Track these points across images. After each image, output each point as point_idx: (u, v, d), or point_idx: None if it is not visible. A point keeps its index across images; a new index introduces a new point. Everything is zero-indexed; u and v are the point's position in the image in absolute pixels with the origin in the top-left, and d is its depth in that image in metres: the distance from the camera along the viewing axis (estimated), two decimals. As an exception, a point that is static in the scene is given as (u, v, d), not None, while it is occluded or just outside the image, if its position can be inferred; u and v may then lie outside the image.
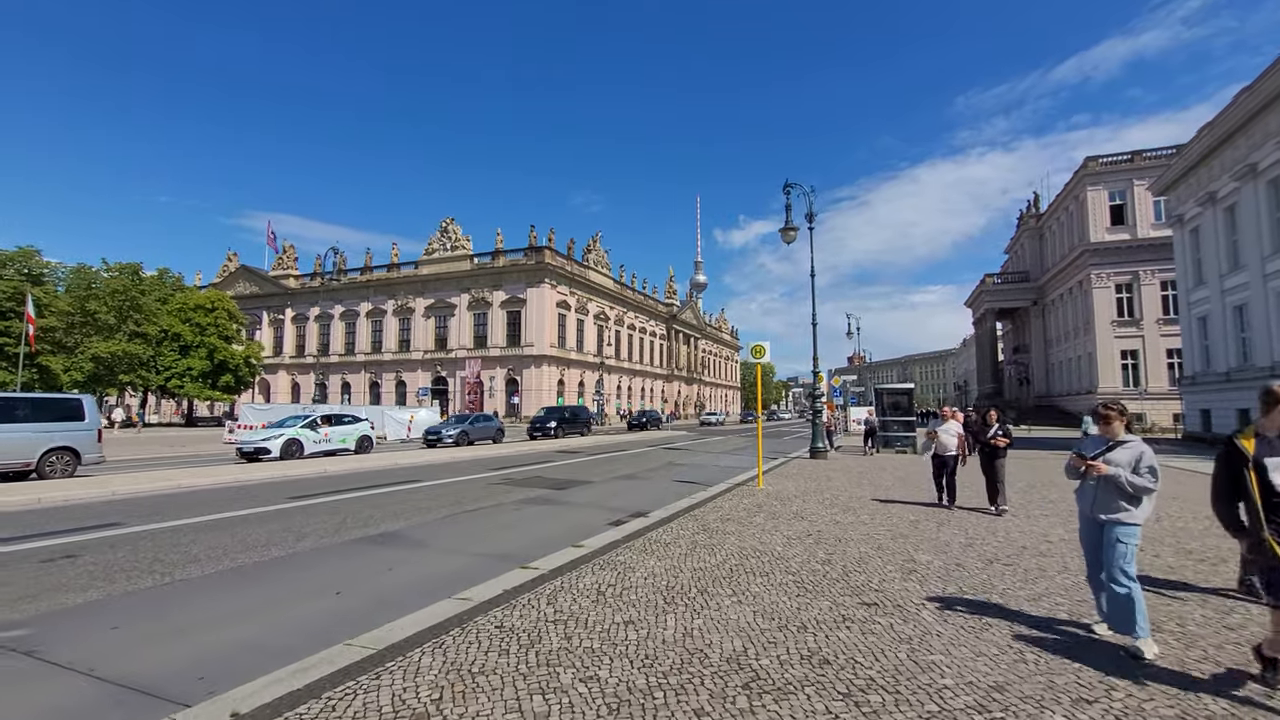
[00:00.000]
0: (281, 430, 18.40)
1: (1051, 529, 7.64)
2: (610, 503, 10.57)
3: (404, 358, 65.29)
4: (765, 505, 9.58)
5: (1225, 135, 24.68)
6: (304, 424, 18.84)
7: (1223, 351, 25.90)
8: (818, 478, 13.48)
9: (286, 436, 18.07)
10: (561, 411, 33.28)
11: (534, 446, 23.66)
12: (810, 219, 19.72)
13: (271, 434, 18.16)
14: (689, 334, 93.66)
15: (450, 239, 65.19)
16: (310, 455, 18.46)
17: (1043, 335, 56.20)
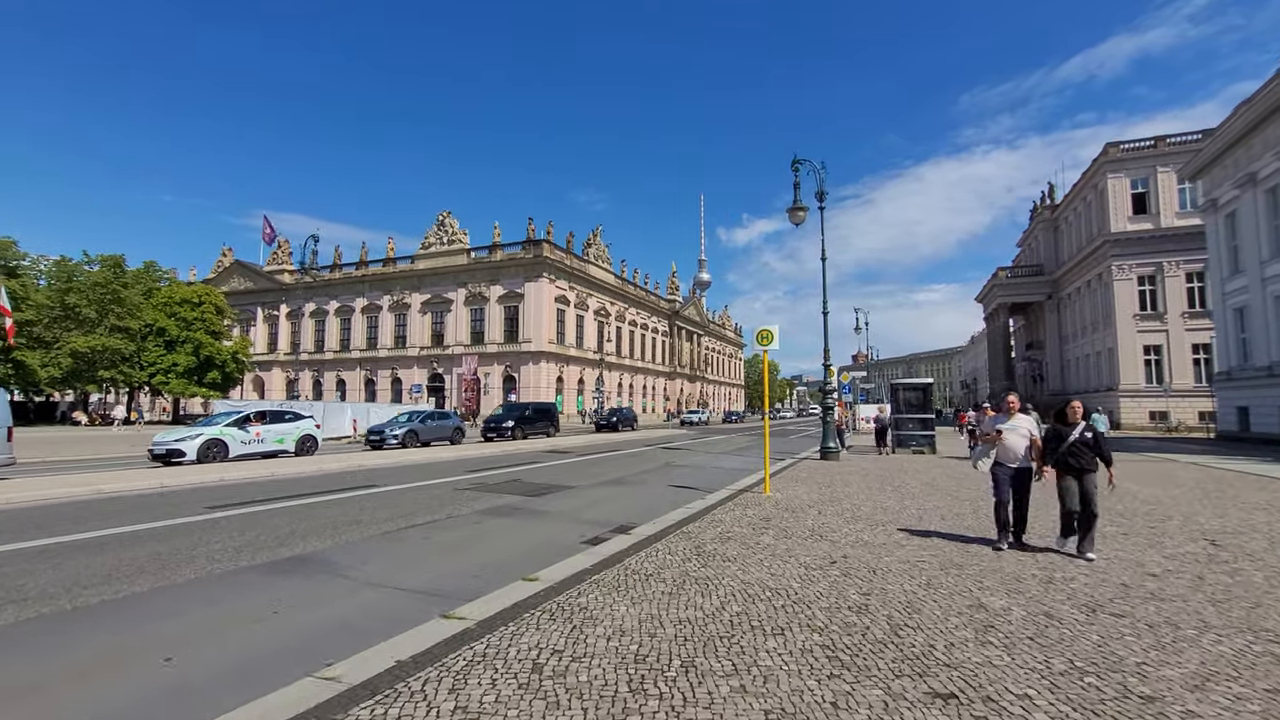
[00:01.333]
0: (200, 430, 16.12)
1: (1144, 555, 5.98)
2: (591, 514, 8.94)
3: (400, 354, 63.83)
4: (774, 518, 7.94)
5: (1269, 110, 22.88)
6: (229, 422, 16.58)
7: (1264, 344, 24.10)
8: (832, 483, 11.82)
9: (206, 437, 15.60)
10: (522, 409, 29.47)
11: (517, 447, 21.85)
12: (821, 198, 18.06)
13: (188, 434, 15.89)
14: (692, 331, 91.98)
15: (447, 233, 63.68)
16: (237, 458, 15.98)
17: (1058, 330, 54.29)
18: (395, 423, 22.71)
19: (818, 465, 15.59)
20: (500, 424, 26.59)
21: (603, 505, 9.80)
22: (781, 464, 15.96)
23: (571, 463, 16.71)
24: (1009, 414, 6.60)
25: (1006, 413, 6.66)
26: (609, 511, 9.16)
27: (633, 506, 9.63)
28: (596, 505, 9.78)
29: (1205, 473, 13.49)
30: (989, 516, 7.94)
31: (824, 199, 18.03)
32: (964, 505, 9.02)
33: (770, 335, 10.52)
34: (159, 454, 14.93)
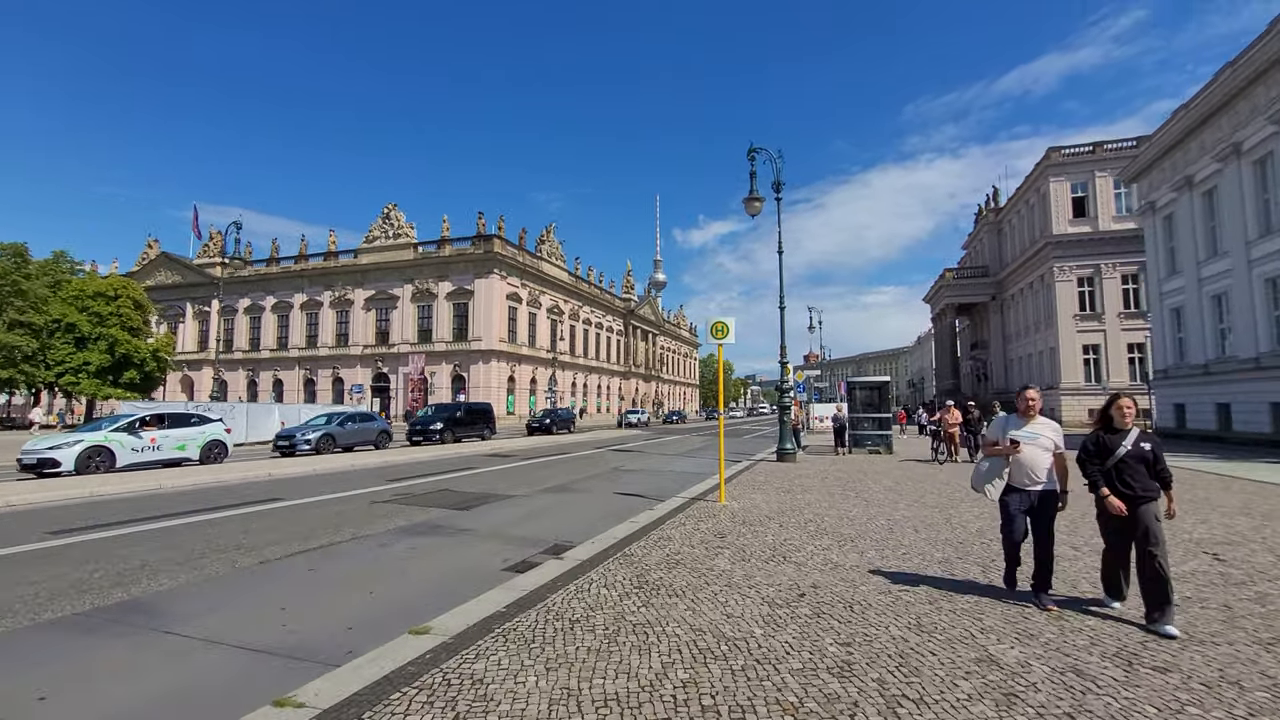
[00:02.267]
0: (80, 436, 14.07)
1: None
2: (524, 530, 7.79)
3: (342, 353, 60.79)
4: (730, 534, 6.97)
5: (1206, 115, 23.43)
6: (117, 426, 14.50)
7: (1199, 343, 24.73)
8: (791, 489, 10.98)
9: (87, 444, 13.56)
10: (454, 409, 26.89)
11: (452, 450, 20.28)
12: (778, 189, 17.32)
13: (65, 440, 13.84)
14: (647, 330, 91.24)
15: (393, 226, 61.00)
16: (126, 468, 14.05)
17: (1001, 330, 55.76)
18: (309, 426, 20.47)
19: (775, 468, 14.80)
20: (428, 426, 24.31)
21: (539, 519, 8.64)
22: (737, 467, 15.11)
23: (511, 468, 15.44)
24: (1026, 416, 4.68)
25: (1023, 414, 4.70)
26: (545, 527, 8.02)
27: (573, 520, 8.52)
28: (532, 519, 8.62)
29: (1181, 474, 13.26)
30: (963, 526, 7.18)
31: (781, 190, 17.29)
32: (934, 513, 8.26)
33: (725, 328, 9.57)
34: (29, 464, 12.80)
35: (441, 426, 23.74)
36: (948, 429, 16.00)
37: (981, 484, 4.79)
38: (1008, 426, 4.74)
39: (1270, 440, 20.40)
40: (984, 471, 4.80)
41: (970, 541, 6.45)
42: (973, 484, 4.92)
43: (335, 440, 19.61)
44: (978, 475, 4.87)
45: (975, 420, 16.67)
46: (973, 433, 16.41)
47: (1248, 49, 21.14)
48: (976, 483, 4.85)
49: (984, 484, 4.77)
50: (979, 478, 4.83)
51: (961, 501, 9.24)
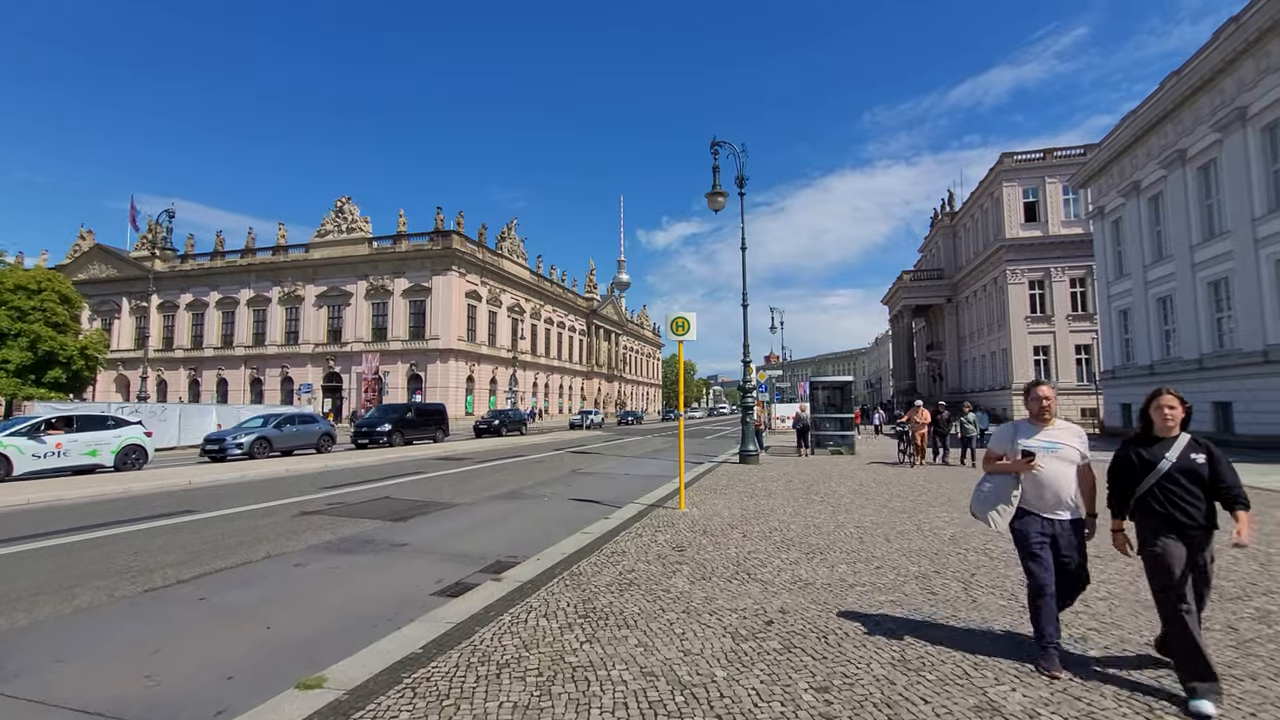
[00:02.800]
0: None
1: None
2: (465, 544, 7.06)
3: (292, 351, 58.26)
4: (690, 546, 6.40)
5: (1152, 122, 24.08)
6: (13, 430, 13.04)
7: (1145, 344, 25.44)
8: (754, 493, 10.50)
9: None
10: (403, 410, 25.30)
11: (400, 454, 19.22)
12: (741, 183, 16.92)
13: None
14: (610, 330, 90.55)
15: (346, 220, 58.77)
16: (25, 476, 12.66)
17: (956, 332, 57.03)
18: (242, 429, 19.01)
19: (737, 470, 14.35)
20: (375, 428, 22.67)
21: (484, 531, 7.92)
22: (699, 469, 14.60)
23: (463, 472, 14.58)
24: (1040, 420, 3.62)
25: (1036, 418, 3.64)
26: (489, 540, 7.30)
27: (521, 531, 7.83)
28: (477, 531, 7.89)
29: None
30: (935, 534, 6.77)
31: (744, 184, 16.89)
32: (903, 519, 7.87)
33: (685, 324, 9.01)
34: (-95, 473, 11.39)
35: (390, 428, 22.46)
36: (916, 430, 15.50)
37: (984, 511, 3.68)
38: (1016, 435, 3.61)
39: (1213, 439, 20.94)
40: (986, 494, 3.69)
41: (945, 552, 6.02)
42: (973, 510, 3.81)
43: (271, 444, 18.27)
44: (979, 499, 3.74)
45: (944, 421, 16.21)
46: (941, 434, 16.03)
47: (1192, 59, 21.75)
48: (978, 509, 3.74)
49: (986, 511, 3.66)
50: (981, 502, 3.71)
51: (931, 505, 8.89)
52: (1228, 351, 20.55)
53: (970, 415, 15.16)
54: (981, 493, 3.74)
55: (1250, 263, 19.24)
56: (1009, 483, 3.59)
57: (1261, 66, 18.48)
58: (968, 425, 15.10)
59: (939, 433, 16.00)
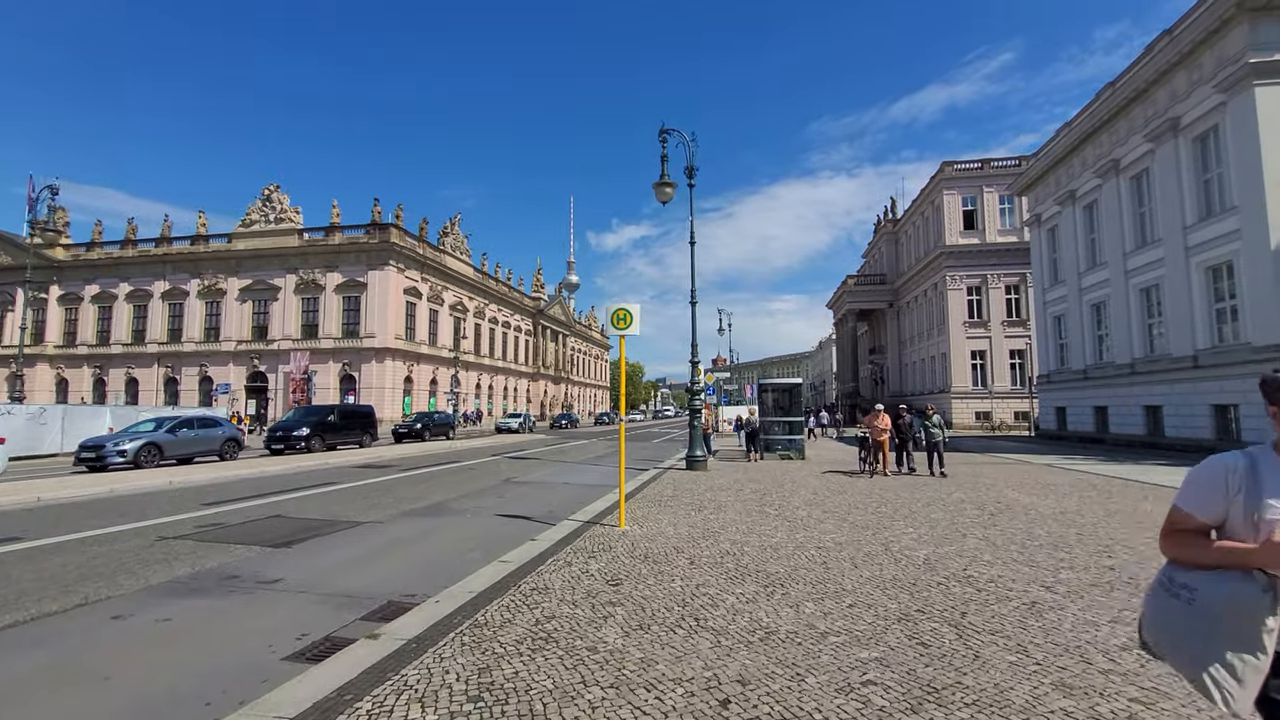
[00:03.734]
0: None
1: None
2: (353, 579, 5.80)
3: (212, 349, 54.22)
4: (627, 579, 5.35)
5: (1088, 132, 24.68)
6: None
7: (1080, 349, 26.08)
8: (703, 505, 9.56)
9: None
10: (325, 412, 23.06)
11: (318, 461, 17.42)
12: (690, 174, 16.05)
13: None
14: (558, 331, 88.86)
15: (275, 209, 55.16)
16: None
17: (897, 336, 58.26)
18: (129, 433, 16.80)
19: (684, 478, 13.41)
20: (290, 432, 20.50)
21: (384, 559, 6.65)
22: (643, 477, 13.60)
23: (383, 483, 13.11)
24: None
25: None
26: (387, 572, 6.06)
27: (429, 559, 6.61)
28: (375, 560, 6.61)
29: (1075, 477, 13.09)
30: (907, 557, 5.95)
31: (694, 175, 16.03)
32: (868, 537, 7.06)
33: (628, 316, 7.98)
34: None
35: (308, 433, 20.41)
36: (876, 436, 14.03)
37: (1197, 661, 1.57)
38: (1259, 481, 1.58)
39: (1144, 442, 21.55)
40: (1193, 620, 1.58)
41: (923, 582, 5.18)
42: (1151, 644, 1.71)
43: (163, 451, 16.12)
44: (1174, 627, 1.63)
45: (907, 426, 15.01)
46: (904, 439, 14.83)
47: (1127, 71, 22.33)
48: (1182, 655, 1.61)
49: (1203, 662, 1.56)
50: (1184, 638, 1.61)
51: (894, 520, 8.15)
52: (1158, 357, 21.09)
53: (935, 418, 14.05)
54: (1176, 611, 1.63)
55: (1181, 270, 19.75)
56: (1251, 597, 1.51)
57: (1194, 78, 18.97)
58: (932, 429, 13.76)
59: (902, 439, 14.78)
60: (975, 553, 6.15)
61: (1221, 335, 18.55)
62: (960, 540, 6.77)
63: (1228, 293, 18.22)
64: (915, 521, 7.96)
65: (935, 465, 13.52)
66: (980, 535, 7.04)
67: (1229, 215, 17.91)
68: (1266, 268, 16.55)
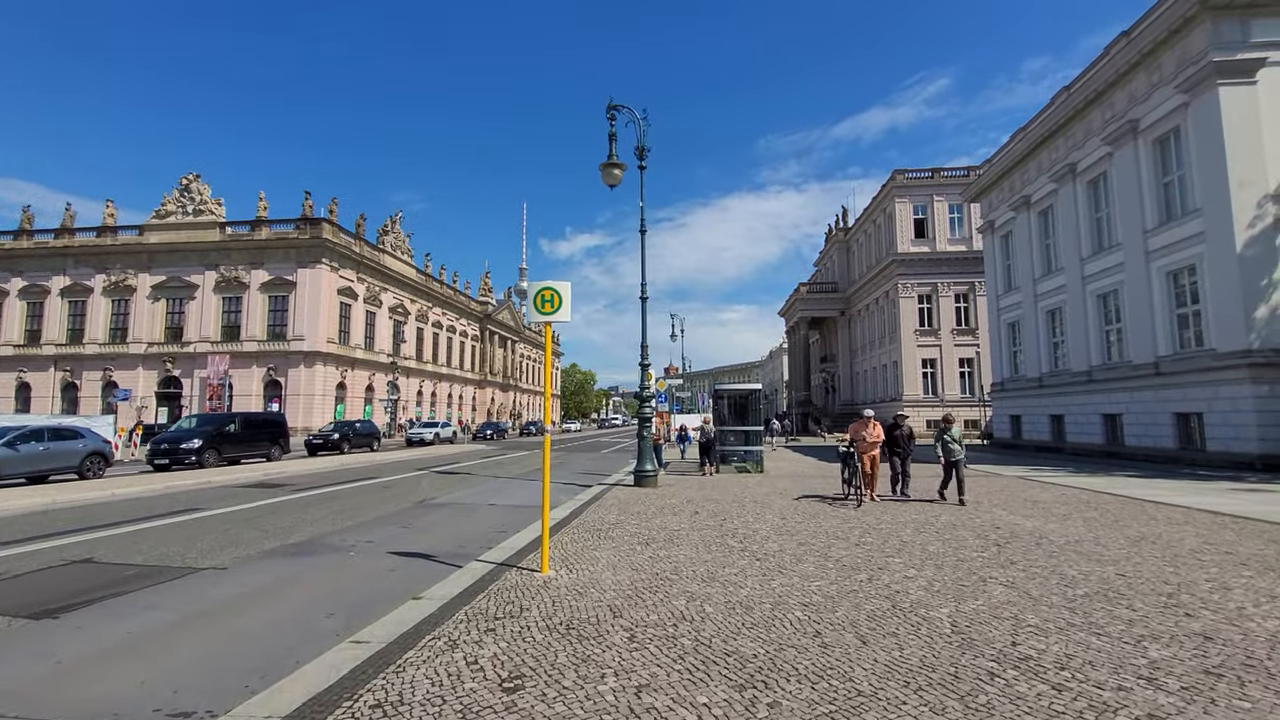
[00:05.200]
0: None
1: None
2: (112, 682, 3.76)
3: (119, 351, 49.28)
4: (531, 681, 3.52)
5: (1043, 137, 24.36)
6: None
7: (1035, 357, 25.68)
8: (652, 536, 7.80)
9: None
10: (224, 421, 19.96)
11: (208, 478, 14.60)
12: (641, 155, 14.41)
13: None
14: (506, 336, 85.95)
15: (194, 200, 50.78)
16: None
17: (849, 344, 58.25)
18: None
19: (631, 497, 11.64)
20: (178, 445, 17.51)
21: (187, 636, 4.60)
22: (584, 496, 11.75)
23: (263, 508, 10.82)
24: None
25: None
26: (174, 664, 4.04)
27: (254, 634, 4.60)
28: (172, 638, 4.56)
29: (1058, 492, 11.95)
30: (924, 617, 4.32)
31: (645, 156, 14.40)
32: (865, 586, 5.45)
33: (556, 298, 6.19)
34: None
35: (200, 444, 17.56)
36: (863, 450, 10.83)
37: None
38: None
39: (1103, 451, 21.04)
40: None
41: (967, 671, 3.56)
42: None
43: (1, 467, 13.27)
44: None
45: (905, 438, 11.52)
46: (901, 456, 11.44)
47: (1083, 74, 22.01)
48: None
49: None
50: None
51: (883, 553, 6.59)
52: (1117, 364, 20.63)
53: (954, 430, 10.81)
54: None
55: (1141, 275, 19.31)
56: None
57: (1153, 79, 18.59)
58: (951, 444, 10.61)
59: (900, 454, 11.47)
60: (1014, 612, 4.59)
61: (1183, 342, 18.09)
62: (983, 589, 5.22)
63: (1190, 298, 17.78)
64: (912, 557, 6.41)
65: (954, 491, 10.59)
66: (1003, 579, 5.51)
67: (1191, 218, 17.48)
68: (1231, 272, 16.08)
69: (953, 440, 10.64)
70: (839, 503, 10.67)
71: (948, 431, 10.82)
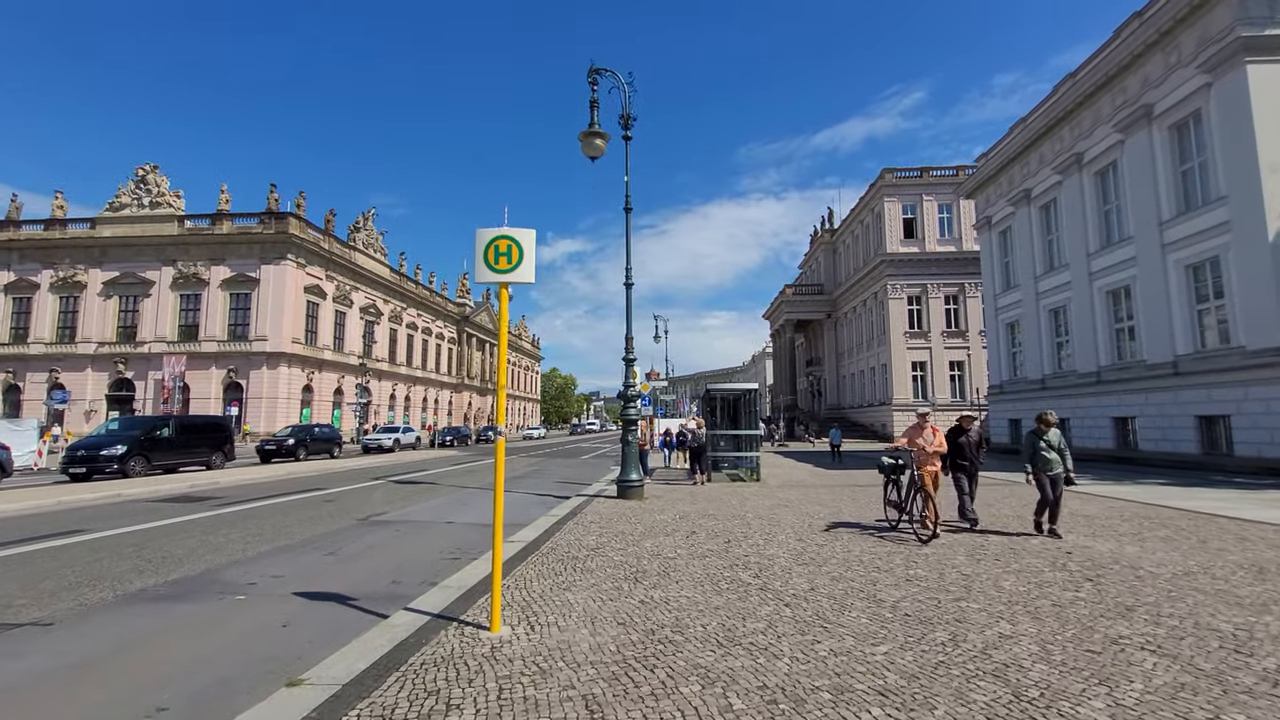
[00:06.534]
0: None
1: None
2: None
3: (66, 351, 46.37)
4: None
5: (1046, 127, 23.24)
6: None
7: (1037, 357, 24.51)
8: (642, 568, 6.12)
9: None
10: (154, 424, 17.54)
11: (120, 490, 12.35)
12: (627, 123, 12.79)
13: None
14: (484, 339, 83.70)
15: (151, 193, 48.06)
16: None
17: (835, 348, 57.15)
18: None
19: (615, 512, 9.94)
20: (98, 451, 15.36)
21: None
22: (559, 510, 10.03)
23: (163, 528, 8.92)
24: None
25: None
26: None
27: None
28: None
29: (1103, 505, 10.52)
30: (1050, 697, 2.65)
31: (630, 125, 12.77)
32: (954, 654, 3.84)
33: (514, 250, 4.52)
34: None
35: (124, 452, 15.44)
36: (922, 464, 7.70)
37: None
38: None
39: (1113, 455, 19.82)
40: None
41: None
42: None
43: None
44: None
45: (974, 446, 8.28)
46: (968, 471, 8.18)
47: (1090, 59, 20.92)
48: None
49: None
50: None
51: (959, 598, 4.98)
52: (1130, 364, 19.45)
53: (1053, 434, 7.74)
54: None
55: (1157, 269, 18.15)
56: None
57: (1171, 61, 17.48)
58: (1048, 454, 7.64)
59: (968, 469, 8.20)
60: (1204, 706, 2.99)
61: (1205, 339, 16.92)
62: (1125, 659, 3.63)
63: (1213, 292, 16.61)
64: (989, 599, 4.82)
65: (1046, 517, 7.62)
66: (1139, 639, 3.93)
67: (1214, 207, 16.33)
68: (1262, 262, 14.91)
69: (1050, 448, 7.63)
70: (895, 538, 7.50)
71: (1045, 435, 7.70)
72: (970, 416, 8.68)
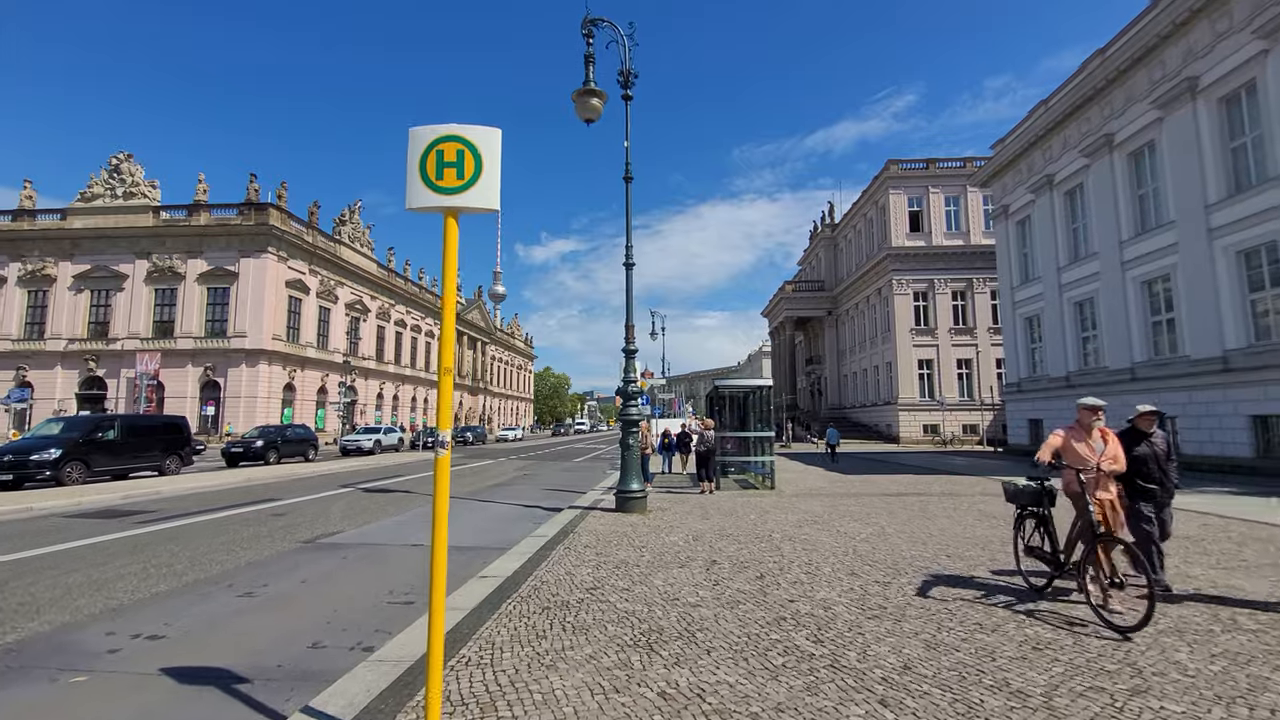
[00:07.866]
0: None
1: None
2: None
3: (34, 348, 44.22)
4: None
5: (1071, 108, 21.73)
6: None
7: (1060, 353, 23.01)
8: (656, 628, 4.48)
9: None
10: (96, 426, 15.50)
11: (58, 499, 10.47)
12: (627, 80, 11.13)
13: None
14: (476, 337, 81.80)
15: (125, 182, 45.94)
16: None
17: (836, 346, 55.67)
18: None
19: (614, 532, 8.28)
20: (27, 455, 13.49)
21: None
22: (547, 530, 8.36)
23: (51, 555, 7.23)
24: None
25: None
26: None
27: None
28: None
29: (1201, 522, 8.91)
30: None
31: (631, 83, 11.12)
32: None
33: (469, 159, 2.85)
34: None
35: (58, 456, 13.61)
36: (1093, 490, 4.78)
37: None
38: None
39: (1149, 459, 18.32)
40: None
41: None
42: None
43: None
44: None
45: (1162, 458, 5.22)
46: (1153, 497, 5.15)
47: (1123, 31, 19.42)
48: None
49: None
50: None
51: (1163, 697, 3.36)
52: (1170, 359, 17.96)
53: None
54: None
55: (1202, 256, 16.66)
56: None
57: (1219, 29, 15.97)
58: None
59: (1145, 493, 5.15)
60: None
61: (1259, 331, 15.43)
62: None
63: (1268, 279, 15.12)
64: (1196, 700, 3.20)
65: None
66: None
67: (1270, 187, 14.83)
68: (1331, 246, 13.43)
69: None
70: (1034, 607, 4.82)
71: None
72: (1151, 414, 5.37)
